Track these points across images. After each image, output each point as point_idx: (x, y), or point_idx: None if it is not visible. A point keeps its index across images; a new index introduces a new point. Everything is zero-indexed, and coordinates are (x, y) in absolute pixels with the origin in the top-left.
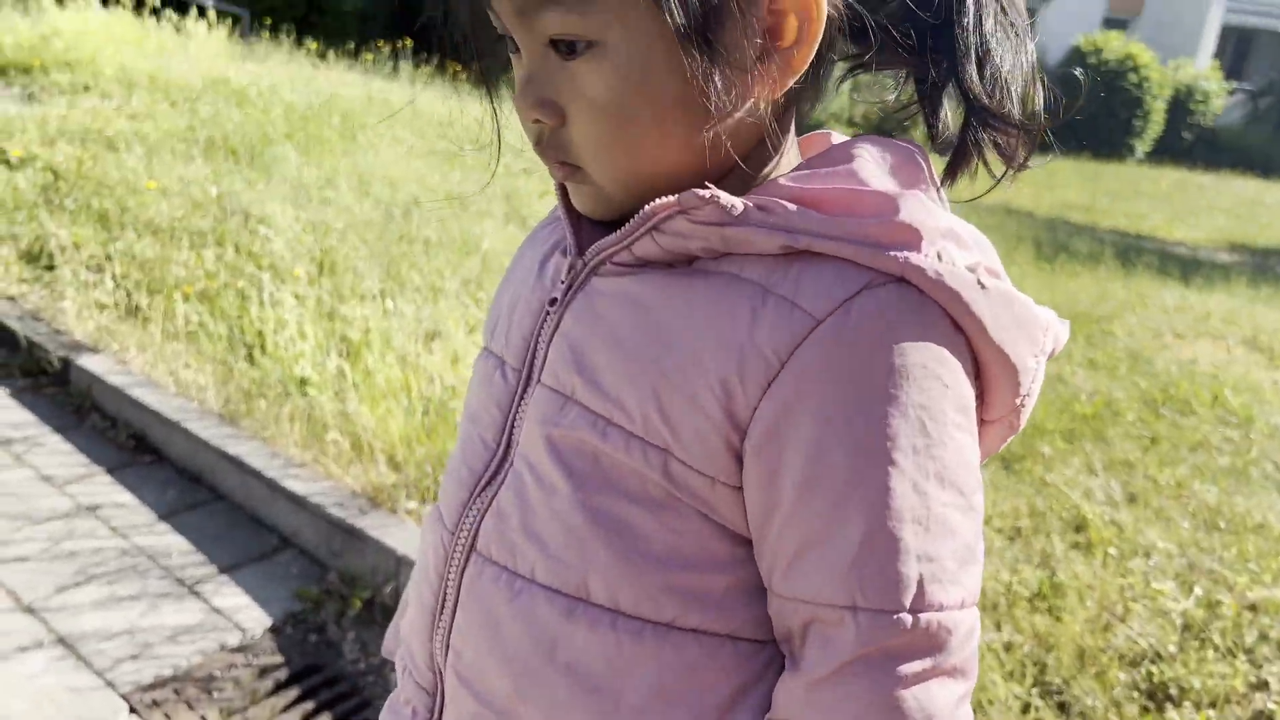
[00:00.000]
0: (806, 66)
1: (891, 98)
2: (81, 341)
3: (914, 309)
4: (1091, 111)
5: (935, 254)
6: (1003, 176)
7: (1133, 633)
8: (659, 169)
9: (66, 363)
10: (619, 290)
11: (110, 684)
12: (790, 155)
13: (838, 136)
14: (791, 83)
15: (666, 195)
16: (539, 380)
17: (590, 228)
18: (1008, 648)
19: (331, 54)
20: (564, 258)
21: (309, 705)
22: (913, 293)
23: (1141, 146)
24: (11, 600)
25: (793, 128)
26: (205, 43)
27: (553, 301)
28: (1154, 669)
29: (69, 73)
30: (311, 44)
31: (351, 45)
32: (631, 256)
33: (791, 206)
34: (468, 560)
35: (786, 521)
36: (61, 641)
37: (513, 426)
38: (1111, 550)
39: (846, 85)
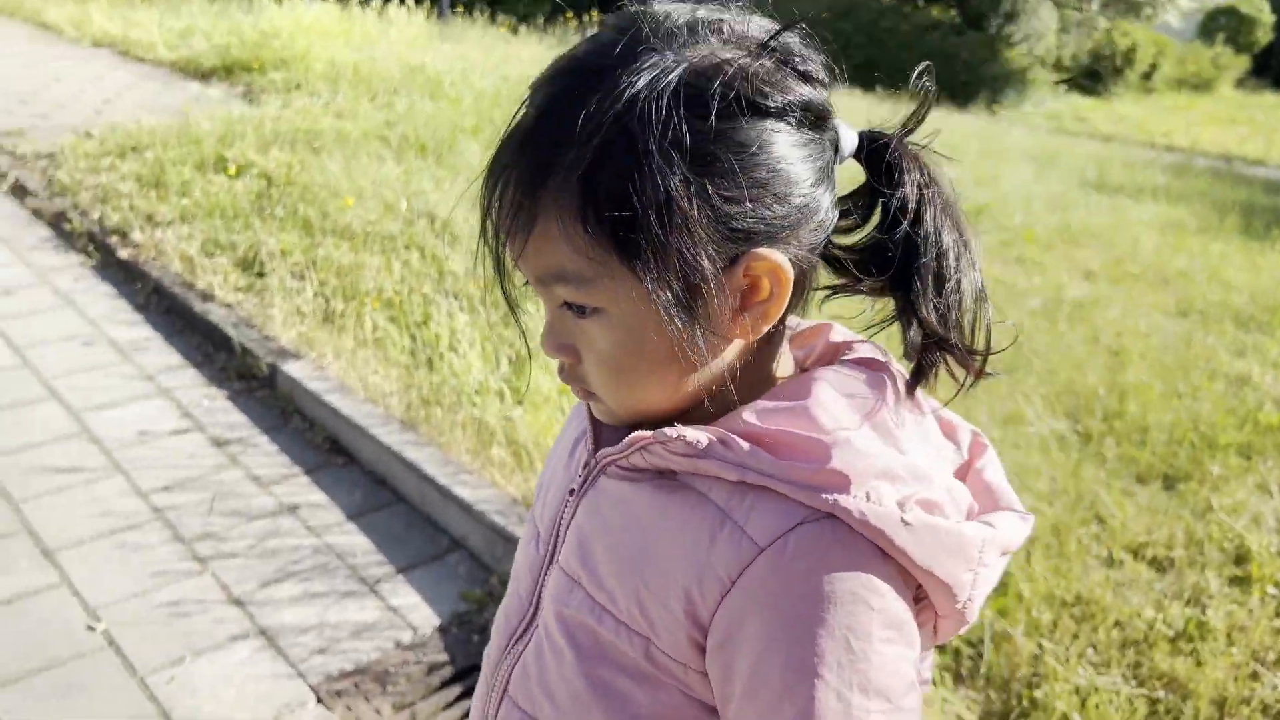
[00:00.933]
0: (782, 313)
1: (869, 312)
2: (286, 347)
3: (843, 543)
4: None
5: (864, 494)
6: (964, 385)
7: None
8: (656, 404)
9: (273, 368)
10: (618, 493)
11: (302, 674)
12: (784, 361)
13: (838, 331)
14: (768, 328)
15: (661, 422)
16: (557, 559)
17: (609, 427)
18: (1137, 695)
19: (522, 29)
20: (586, 450)
21: (470, 704)
22: (843, 528)
23: None
24: (224, 593)
25: (785, 341)
26: (405, 28)
27: (571, 491)
28: None
29: (284, 70)
30: (504, 23)
31: (541, 20)
32: (628, 464)
33: (745, 445)
34: (502, 699)
35: (738, 713)
36: (263, 633)
37: (540, 591)
38: (1271, 589)
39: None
